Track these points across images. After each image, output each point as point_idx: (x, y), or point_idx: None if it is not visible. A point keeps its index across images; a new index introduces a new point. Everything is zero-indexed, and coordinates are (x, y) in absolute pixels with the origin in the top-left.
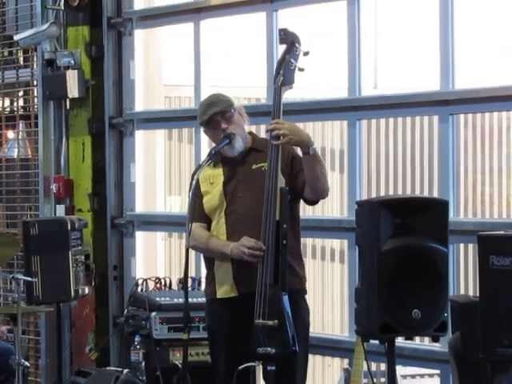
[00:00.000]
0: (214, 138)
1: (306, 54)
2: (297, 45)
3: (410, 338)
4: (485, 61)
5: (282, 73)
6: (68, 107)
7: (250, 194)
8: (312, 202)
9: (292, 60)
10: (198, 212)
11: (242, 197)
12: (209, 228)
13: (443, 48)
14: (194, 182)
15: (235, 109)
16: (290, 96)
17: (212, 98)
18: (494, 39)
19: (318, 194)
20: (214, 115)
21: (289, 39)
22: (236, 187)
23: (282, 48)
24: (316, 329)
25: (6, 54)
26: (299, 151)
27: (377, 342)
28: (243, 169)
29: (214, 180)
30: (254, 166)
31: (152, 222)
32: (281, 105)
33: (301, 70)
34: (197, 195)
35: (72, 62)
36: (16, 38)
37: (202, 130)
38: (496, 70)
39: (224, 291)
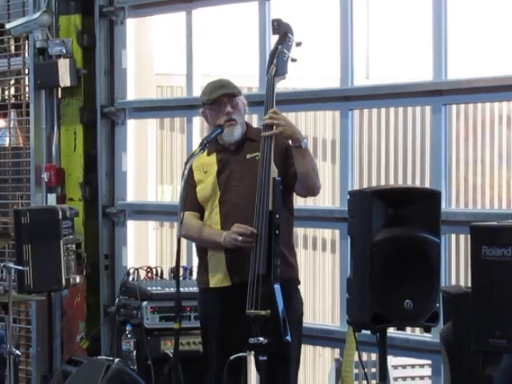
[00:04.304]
0: (213, 119)
1: (298, 44)
2: (290, 35)
3: (401, 328)
4: (478, 51)
5: (275, 63)
6: (60, 96)
7: (244, 184)
8: (303, 196)
9: (285, 50)
10: (190, 201)
11: (236, 186)
12: (201, 217)
13: (436, 38)
14: (186, 171)
15: (241, 97)
16: (282, 86)
17: (223, 81)
18: (488, 29)
19: (308, 191)
20: (223, 96)
21: (282, 30)
22: (230, 177)
23: (275, 38)
24: (307, 319)
25: None
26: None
27: (368, 332)
28: (237, 158)
29: (207, 169)
30: (248, 156)
31: (143, 212)
32: (274, 95)
33: (293, 60)
34: (190, 184)
35: (64, 50)
36: (8, 26)
37: (200, 110)
38: (489, 60)
39: (217, 280)
